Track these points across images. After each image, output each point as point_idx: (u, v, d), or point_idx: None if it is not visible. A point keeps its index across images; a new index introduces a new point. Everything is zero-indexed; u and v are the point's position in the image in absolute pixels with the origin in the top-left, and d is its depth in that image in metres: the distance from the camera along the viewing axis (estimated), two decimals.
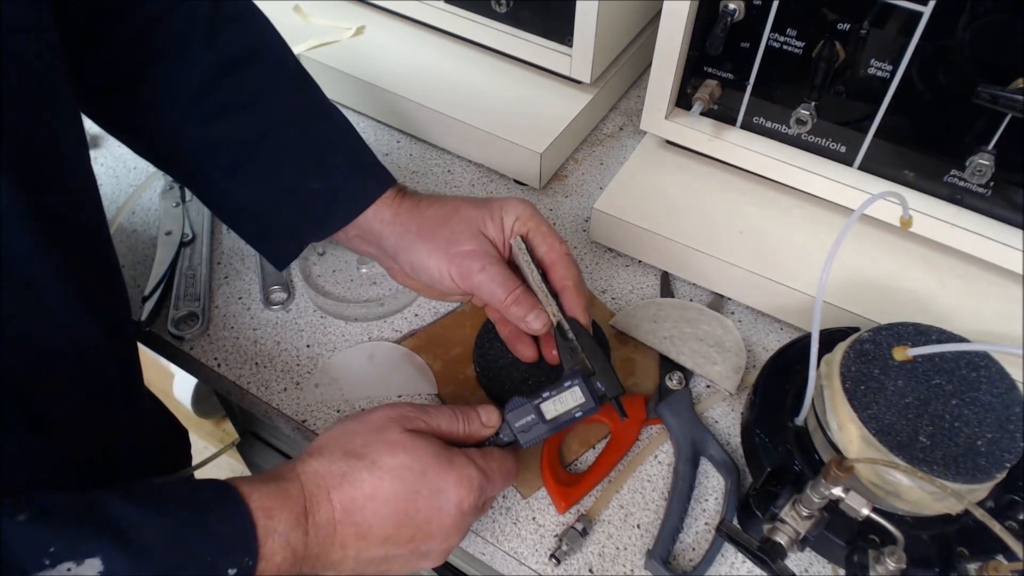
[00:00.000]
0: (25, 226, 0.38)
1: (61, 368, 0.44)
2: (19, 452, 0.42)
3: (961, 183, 0.57)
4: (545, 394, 0.50)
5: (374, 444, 0.45)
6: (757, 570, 0.52)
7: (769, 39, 0.57)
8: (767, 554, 0.43)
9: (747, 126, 0.64)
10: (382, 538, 0.44)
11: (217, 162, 0.54)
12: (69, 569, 0.33)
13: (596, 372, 0.50)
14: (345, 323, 0.65)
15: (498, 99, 0.75)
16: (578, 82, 0.75)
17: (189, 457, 0.72)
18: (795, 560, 0.52)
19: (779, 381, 0.55)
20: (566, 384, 0.50)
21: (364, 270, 0.68)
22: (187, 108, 0.51)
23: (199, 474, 0.65)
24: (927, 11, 0.50)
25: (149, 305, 0.64)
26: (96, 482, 0.39)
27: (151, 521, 0.37)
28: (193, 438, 0.75)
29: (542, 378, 0.58)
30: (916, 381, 0.47)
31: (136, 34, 0.50)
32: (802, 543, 0.44)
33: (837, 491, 0.41)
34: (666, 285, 0.67)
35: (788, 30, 0.56)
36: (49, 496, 0.36)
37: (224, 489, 0.40)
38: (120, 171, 0.77)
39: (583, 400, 0.50)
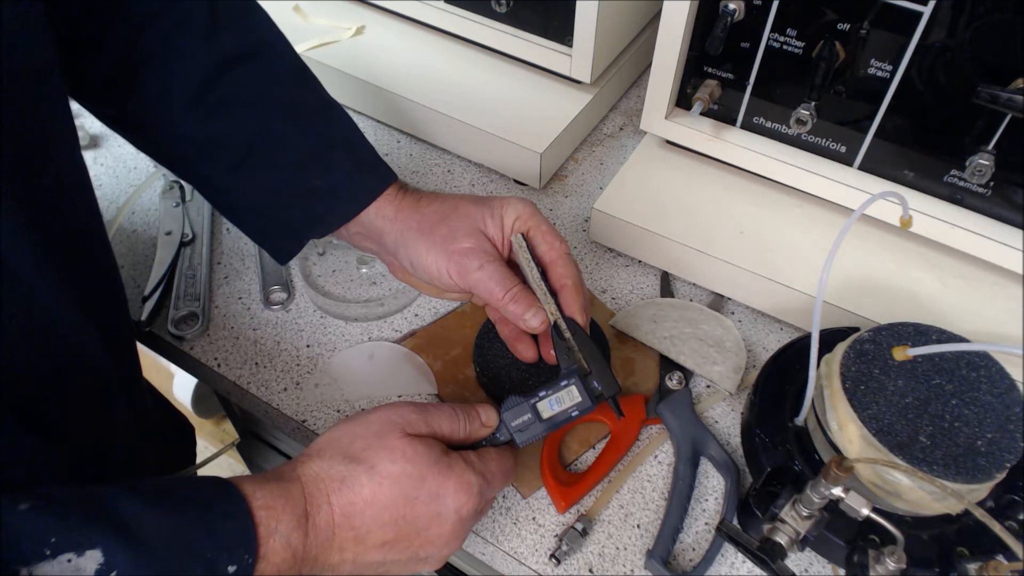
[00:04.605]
0: (19, 225, 0.38)
1: (57, 368, 0.43)
2: (17, 451, 0.42)
3: (961, 183, 0.57)
4: (542, 393, 0.50)
5: (373, 448, 0.44)
6: (757, 570, 0.52)
7: (769, 39, 0.57)
8: (767, 554, 0.43)
9: (747, 126, 0.64)
10: (380, 543, 0.44)
11: (218, 159, 0.54)
12: (70, 560, 0.33)
13: (593, 371, 0.50)
14: (345, 323, 0.65)
15: (498, 99, 0.75)
16: (578, 82, 0.75)
17: (194, 456, 0.72)
18: (795, 560, 0.52)
19: (779, 381, 0.55)
20: (563, 383, 0.50)
21: (364, 270, 0.68)
22: (187, 105, 0.51)
23: (199, 474, 0.65)
24: (927, 11, 0.50)
25: (149, 305, 0.64)
26: (95, 481, 0.38)
27: (153, 516, 0.37)
28: None
29: (542, 378, 0.58)
30: (916, 381, 0.47)
31: (133, 32, 0.50)
32: (802, 543, 0.44)
33: (837, 491, 0.41)
34: (666, 285, 0.67)
35: (788, 30, 0.56)
36: (52, 488, 0.36)
37: (226, 487, 0.40)
38: (120, 171, 0.77)
39: (580, 399, 0.49)
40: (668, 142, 0.69)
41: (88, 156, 0.78)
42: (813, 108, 0.58)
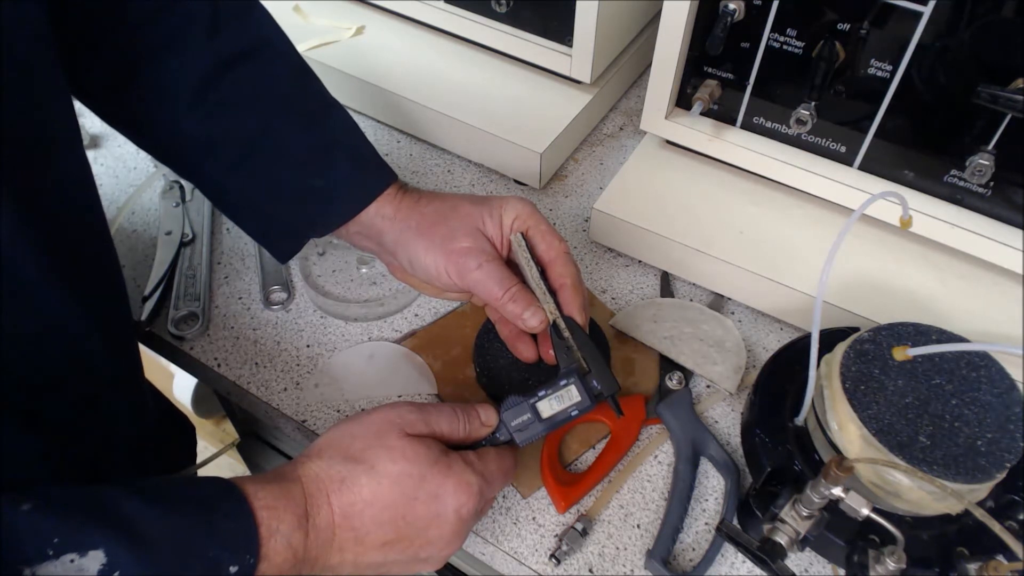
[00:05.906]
0: (20, 224, 0.38)
1: (58, 367, 0.43)
2: (17, 451, 0.42)
3: (961, 183, 0.57)
4: (541, 393, 0.50)
5: (373, 449, 0.44)
6: (757, 570, 0.52)
7: (769, 39, 0.57)
8: (767, 554, 0.43)
9: (747, 126, 0.64)
10: (380, 543, 0.44)
11: (218, 159, 0.54)
12: (72, 560, 0.33)
13: (592, 370, 0.50)
14: (345, 323, 0.65)
15: (498, 99, 0.75)
16: (578, 82, 0.75)
17: (194, 456, 0.72)
18: (795, 560, 0.52)
19: (779, 381, 0.55)
20: (562, 383, 0.50)
21: (364, 270, 0.68)
22: (188, 104, 0.51)
23: (199, 474, 0.65)
24: (927, 11, 0.50)
25: (149, 305, 0.64)
26: (95, 481, 0.38)
27: (155, 516, 0.37)
28: None
29: (542, 378, 0.58)
30: (916, 381, 0.47)
31: (134, 30, 0.50)
32: (802, 543, 0.44)
33: (837, 491, 0.41)
34: (666, 285, 0.67)
35: (788, 30, 0.56)
36: (54, 488, 0.36)
37: (228, 487, 0.40)
38: (120, 171, 0.77)
39: (579, 399, 0.49)
40: (668, 142, 0.69)
41: (88, 156, 0.78)
42: (813, 108, 0.58)
